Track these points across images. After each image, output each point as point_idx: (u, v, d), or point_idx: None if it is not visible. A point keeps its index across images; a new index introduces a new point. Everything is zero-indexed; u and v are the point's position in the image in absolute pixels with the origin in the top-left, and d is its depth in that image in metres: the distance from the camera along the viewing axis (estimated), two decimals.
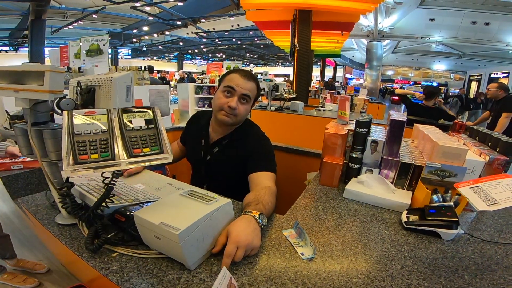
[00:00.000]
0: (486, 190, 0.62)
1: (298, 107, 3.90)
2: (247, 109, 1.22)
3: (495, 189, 0.62)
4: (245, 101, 1.19)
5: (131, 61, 23.17)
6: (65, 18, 11.59)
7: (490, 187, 0.63)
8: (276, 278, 0.65)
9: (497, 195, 0.59)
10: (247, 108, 1.22)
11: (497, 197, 0.59)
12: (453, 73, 24.45)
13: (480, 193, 0.61)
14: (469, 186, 0.64)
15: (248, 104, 1.21)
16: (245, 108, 1.20)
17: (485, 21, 11.15)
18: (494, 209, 0.57)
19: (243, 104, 1.19)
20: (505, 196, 0.59)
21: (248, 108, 1.23)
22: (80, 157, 0.56)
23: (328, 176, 1.21)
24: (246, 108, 1.21)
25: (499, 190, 0.61)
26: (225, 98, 1.17)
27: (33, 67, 0.66)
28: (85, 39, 4.47)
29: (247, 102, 1.20)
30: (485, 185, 0.64)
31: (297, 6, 5.83)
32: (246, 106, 1.20)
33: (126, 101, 0.73)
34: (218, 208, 0.70)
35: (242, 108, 1.19)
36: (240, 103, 1.18)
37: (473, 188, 0.63)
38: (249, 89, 1.18)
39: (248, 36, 15.79)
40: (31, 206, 0.96)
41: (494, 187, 0.63)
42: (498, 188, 0.62)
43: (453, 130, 1.42)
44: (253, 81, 1.21)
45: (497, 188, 0.62)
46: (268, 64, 31.70)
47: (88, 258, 0.70)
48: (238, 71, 1.21)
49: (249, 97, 1.19)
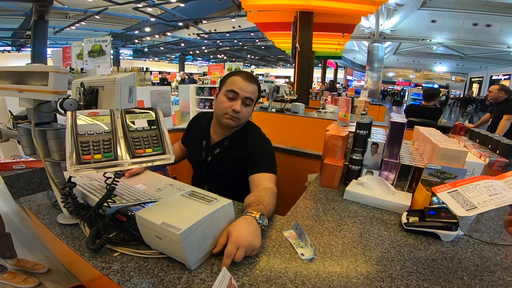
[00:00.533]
0: (463, 194, 0.60)
1: (299, 108, 3.91)
2: (250, 112, 1.23)
3: (472, 192, 0.60)
4: (248, 104, 1.21)
5: (133, 61, 23.24)
6: (67, 18, 11.63)
7: (468, 190, 0.61)
8: (276, 279, 0.65)
9: (474, 199, 0.58)
10: (250, 111, 1.23)
11: (475, 201, 0.58)
12: (454, 75, 24.43)
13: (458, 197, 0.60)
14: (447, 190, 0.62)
15: (250, 106, 1.23)
16: (248, 110, 1.22)
17: (487, 23, 11.15)
18: (472, 214, 0.56)
19: (246, 107, 1.20)
20: (482, 200, 0.57)
21: (251, 110, 1.24)
22: (84, 157, 0.57)
23: (329, 178, 1.21)
24: (249, 110, 1.22)
25: (476, 194, 0.60)
26: (229, 101, 1.17)
27: (38, 67, 0.67)
28: (88, 39, 4.49)
29: (250, 105, 1.22)
30: (463, 188, 0.62)
31: (299, 7, 5.85)
32: (248, 108, 1.22)
33: (129, 102, 0.74)
34: (219, 208, 0.70)
35: (245, 111, 1.20)
36: (244, 106, 1.19)
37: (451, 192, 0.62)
38: (252, 91, 1.19)
39: (249, 38, 15.83)
40: (33, 206, 0.97)
41: (471, 190, 0.61)
42: (475, 192, 0.60)
43: (454, 132, 1.43)
44: (255, 83, 1.22)
45: (474, 192, 0.61)
46: (269, 66, 31.74)
47: (90, 257, 0.70)
48: (239, 73, 1.22)
49: (252, 99, 1.21)
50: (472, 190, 0.61)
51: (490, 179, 0.64)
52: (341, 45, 10.69)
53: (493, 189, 0.60)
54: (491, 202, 0.56)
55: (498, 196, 0.58)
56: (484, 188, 0.60)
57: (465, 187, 0.62)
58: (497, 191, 0.59)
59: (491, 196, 0.58)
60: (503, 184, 0.62)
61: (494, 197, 0.58)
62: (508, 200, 0.56)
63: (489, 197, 0.58)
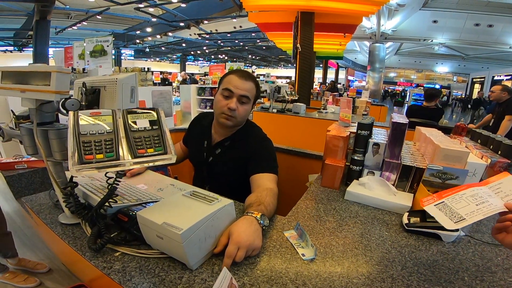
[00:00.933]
0: (450, 206, 0.59)
1: (300, 109, 3.90)
2: (247, 110, 1.21)
3: (459, 203, 0.59)
4: (245, 102, 1.19)
5: (134, 62, 23.29)
6: (69, 18, 11.67)
7: (454, 201, 0.60)
8: (277, 279, 0.66)
9: (462, 210, 0.57)
10: (247, 109, 1.21)
11: (462, 213, 0.56)
12: (456, 75, 24.37)
13: (446, 209, 0.58)
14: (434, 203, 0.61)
15: (247, 104, 1.20)
16: (245, 109, 1.20)
17: (488, 23, 11.12)
18: (461, 226, 0.55)
19: (243, 105, 1.18)
20: (470, 210, 0.56)
21: (248, 109, 1.22)
22: (86, 157, 0.57)
23: (330, 178, 1.21)
24: (246, 109, 1.20)
25: (463, 204, 0.58)
26: (225, 100, 1.17)
27: (40, 67, 0.67)
28: (89, 40, 4.50)
29: (247, 103, 1.19)
30: (449, 199, 0.61)
31: (300, 8, 5.85)
32: (245, 106, 1.20)
33: (131, 102, 0.74)
34: (220, 208, 0.70)
35: (241, 109, 1.18)
36: (240, 104, 1.18)
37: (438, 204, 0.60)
38: (247, 89, 1.18)
39: (250, 38, 15.83)
40: (35, 205, 0.97)
41: (458, 201, 0.60)
42: (462, 202, 0.59)
43: (455, 133, 1.42)
44: (251, 81, 1.20)
45: (461, 202, 0.59)
46: (270, 66, 31.73)
47: (91, 257, 0.70)
48: (235, 72, 1.21)
49: (248, 97, 1.19)
50: (458, 200, 0.60)
51: (476, 186, 0.63)
52: (342, 46, 10.68)
53: (480, 198, 0.59)
54: (479, 212, 0.56)
55: (485, 205, 0.57)
56: (471, 197, 0.60)
57: (451, 197, 0.61)
58: (483, 199, 0.58)
59: (478, 206, 0.57)
60: (488, 190, 0.62)
61: (482, 206, 0.57)
62: (496, 209, 0.56)
63: (476, 206, 0.57)
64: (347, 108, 1.58)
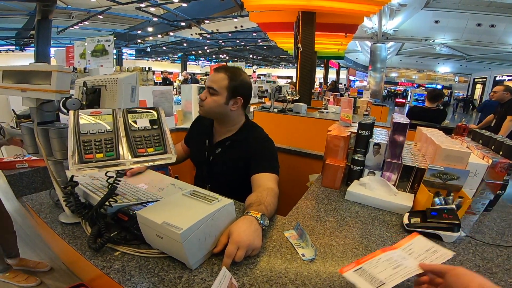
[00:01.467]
0: (369, 271, 0.59)
1: (301, 109, 3.90)
2: (216, 101, 1.20)
3: (377, 268, 0.60)
4: (212, 94, 1.20)
5: (135, 61, 23.32)
6: (71, 18, 11.69)
7: (372, 266, 0.61)
8: (276, 279, 0.65)
9: (380, 275, 0.57)
10: (216, 100, 1.20)
11: (381, 277, 0.57)
12: (457, 76, 24.30)
13: (365, 275, 0.59)
14: (353, 269, 0.61)
15: (216, 95, 1.19)
16: (213, 99, 1.20)
17: (490, 23, 11.07)
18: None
19: (211, 95, 1.20)
20: (388, 274, 0.57)
21: (217, 99, 1.19)
22: (86, 156, 0.57)
23: (330, 178, 1.21)
24: (214, 99, 1.20)
25: (381, 269, 0.59)
26: None
27: (41, 67, 0.68)
28: (91, 39, 4.51)
29: (214, 94, 1.20)
30: (367, 265, 0.61)
31: (301, 8, 5.84)
32: (213, 97, 1.20)
33: (131, 102, 0.74)
34: (220, 208, 0.70)
35: (209, 99, 1.20)
36: (209, 94, 1.20)
37: (357, 270, 0.61)
38: (214, 80, 1.19)
39: (251, 38, 15.83)
40: (35, 205, 0.97)
41: (375, 266, 0.60)
42: (379, 267, 0.60)
43: (457, 133, 1.42)
44: (223, 73, 1.20)
45: (378, 267, 0.60)
46: (271, 66, 31.73)
47: (91, 256, 0.70)
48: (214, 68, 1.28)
49: (214, 89, 1.19)
50: (375, 265, 0.61)
51: (389, 250, 0.65)
52: (343, 46, 10.67)
53: (395, 261, 0.60)
54: (397, 276, 0.57)
55: (401, 268, 0.58)
56: (386, 262, 0.61)
57: (368, 263, 0.62)
58: (398, 263, 0.60)
59: (395, 269, 0.59)
60: (402, 253, 0.64)
61: (398, 269, 0.58)
62: (412, 271, 0.57)
63: (393, 270, 0.59)
64: (348, 108, 1.58)
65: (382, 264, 0.61)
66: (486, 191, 1.02)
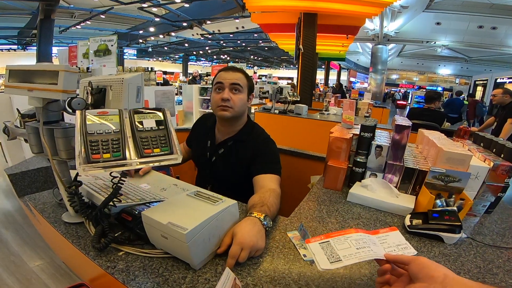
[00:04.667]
0: (333, 246, 0.59)
1: (302, 110, 3.90)
2: (242, 99, 1.20)
3: (342, 244, 0.60)
4: (237, 91, 1.19)
5: (137, 61, 23.35)
6: (73, 18, 11.72)
7: (339, 242, 0.61)
8: (280, 279, 0.66)
9: (341, 252, 0.58)
10: (242, 98, 1.20)
11: (341, 254, 0.57)
12: (458, 78, 24.28)
13: (327, 249, 0.59)
14: (320, 241, 0.62)
15: (241, 93, 1.20)
16: (239, 98, 1.19)
17: (492, 25, 11.07)
18: (335, 267, 0.55)
19: (236, 94, 1.19)
20: (349, 252, 0.57)
21: (243, 97, 1.21)
22: (93, 156, 0.58)
23: (332, 180, 1.21)
24: (240, 98, 1.20)
25: (345, 246, 0.59)
26: (218, 94, 1.19)
27: (48, 66, 0.68)
28: (94, 39, 4.51)
29: (240, 91, 1.20)
30: (334, 240, 0.61)
31: (303, 9, 5.85)
32: (239, 95, 1.19)
33: (136, 102, 0.74)
34: (224, 209, 0.71)
35: (235, 98, 1.19)
36: (233, 93, 1.19)
37: (322, 243, 0.61)
38: (237, 78, 1.19)
39: (252, 39, 15.84)
40: (38, 204, 0.98)
41: (342, 242, 0.61)
42: (345, 244, 0.60)
43: (458, 136, 1.42)
44: (239, 72, 1.22)
45: (344, 244, 0.60)
46: (272, 67, 31.73)
47: (95, 256, 0.71)
48: (223, 68, 1.25)
49: (240, 85, 1.19)
50: (343, 242, 0.61)
51: (366, 233, 0.64)
52: (344, 47, 10.68)
53: (363, 243, 0.60)
54: (356, 256, 0.57)
55: (364, 250, 0.58)
56: (355, 241, 0.61)
57: (337, 238, 0.62)
58: (366, 245, 0.60)
59: (358, 250, 0.58)
60: (375, 239, 0.64)
61: (361, 250, 0.58)
62: (373, 255, 0.57)
63: (356, 250, 0.58)
64: (350, 110, 1.58)
65: (350, 242, 0.60)
66: (487, 194, 1.02)
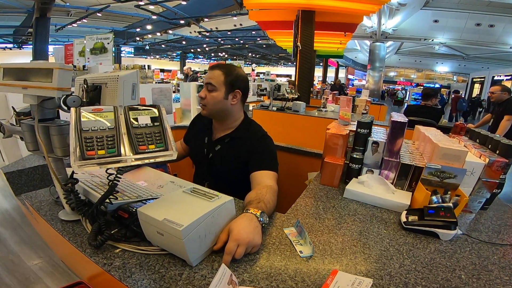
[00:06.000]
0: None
1: (299, 107, 3.90)
2: (214, 97, 1.21)
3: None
4: (210, 90, 1.21)
5: (134, 59, 23.24)
6: (69, 16, 11.63)
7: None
8: (276, 275, 0.66)
9: None
10: (214, 96, 1.21)
11: None
12: (456, 75, 24.35)
13: None
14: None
15: (215, 91, 1.20)
16: (212, 96, 1.21)
17: (490, 23, 11.11)
18: None
19: (210, 92, 1.21)
20: None
21: (216, 95, 1.20)
22: (87, 152, 0.58)
23: (329, 176, 1.22)
24: (213, 96, 1.21)
25: None
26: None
27: (42, 64, 0.68)
28: (90, 37, 4.48)
29: (212, 90, 1.21)
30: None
31: (300, 6, 5.83)
32: (212, 93, 1.21)
33: (132, 99, 0.74)
34: (220, 205, 0.71)
35: (208, 96, 1.21)
36: (208, 92, 1.21)
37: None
38: (211, 76, 1.21)
39: (250, 36, 15.80)
40: (35, 202, 0.98)
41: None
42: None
43: (454, 132, 1.43)
44: (218, 69, 1.22)
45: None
46: (270, 64, 31.67)
47: (91, 254, 0.71)
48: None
49: (211, 84, 1.20)
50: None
51: None
52: (342, 44, 10.66)
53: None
54: None
55: None
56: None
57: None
58: None
59: None
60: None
61: None
62: None
63: None
64: (347, 107, 1.59)
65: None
66: (482, 190, 1.03)
